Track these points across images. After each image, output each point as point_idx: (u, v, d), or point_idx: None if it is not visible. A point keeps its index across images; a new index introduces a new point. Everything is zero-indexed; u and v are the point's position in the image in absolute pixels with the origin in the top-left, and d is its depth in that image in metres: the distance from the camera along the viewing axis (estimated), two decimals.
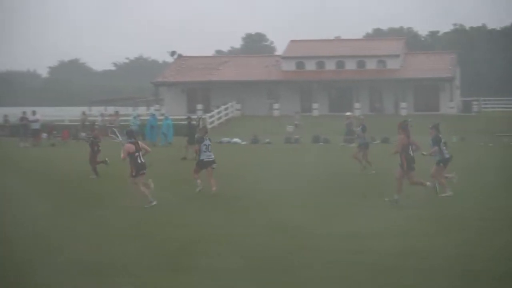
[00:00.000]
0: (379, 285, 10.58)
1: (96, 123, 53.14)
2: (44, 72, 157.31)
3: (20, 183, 23.53)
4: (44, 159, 35.05)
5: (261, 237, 14.14)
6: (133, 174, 18.40)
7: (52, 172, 27.76)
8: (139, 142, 18.91)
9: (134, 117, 49.88)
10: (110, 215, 17.21)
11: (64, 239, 14.22)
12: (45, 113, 58.35)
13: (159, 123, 47.00)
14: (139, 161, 18.33)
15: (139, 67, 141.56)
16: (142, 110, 73.70)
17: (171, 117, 49.29)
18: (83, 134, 53.37)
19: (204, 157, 20.31)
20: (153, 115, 49.36)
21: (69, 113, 68.61)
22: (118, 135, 21.33)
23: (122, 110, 62.92)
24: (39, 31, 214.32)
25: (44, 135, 49.63)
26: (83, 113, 57.37)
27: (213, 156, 20.43)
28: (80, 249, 13.27)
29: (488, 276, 10.92)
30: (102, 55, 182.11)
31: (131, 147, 18.35)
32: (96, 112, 69.02)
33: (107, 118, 54.83)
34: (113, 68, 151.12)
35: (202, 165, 20.46)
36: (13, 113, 59.81)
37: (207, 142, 20.47)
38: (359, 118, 28.06)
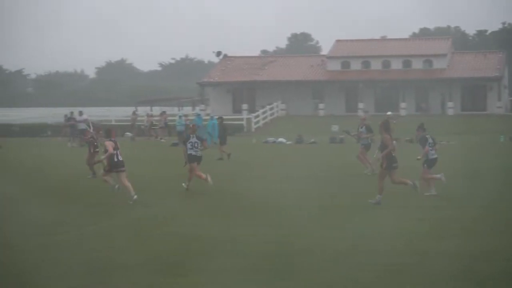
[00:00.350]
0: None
1: (138, 123, 53.58)
2: (91, 73, 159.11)
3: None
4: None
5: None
6: (107, 169, 19.80)
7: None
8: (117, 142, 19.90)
9: (180, 117, 50.11)
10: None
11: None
12: (92, 113, 58.94)
13: (204, 123, 47.15)
14: (116, 159, 19.39)
15: (185, 68, 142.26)
16: (187, 110, 73.99)
17: (216, 117, 49.43)
18: (129, 134, 54.02)
19: (192, 152, 21.45)
20: (198, 115, 49.59)
21: (116, 113, 69.23)
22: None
23: (168, 110, 63.18)
24: (85, 32, 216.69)
25: (93, 135, 50.03)
26: (133, 113, 57.49)
27: (200, 153, 21.58)
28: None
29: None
30: (149, 55, 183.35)
31: (111, 145, 19.45)
32: (142, 112, 69.51)
33: (155, 118, 55.12)
34: (159, 68, 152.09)
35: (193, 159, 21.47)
36: (61, 113, 60.63)
37: (193, 139, 21.64)
38: (362, 118, 27.85)
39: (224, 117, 54.29)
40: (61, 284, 10.86)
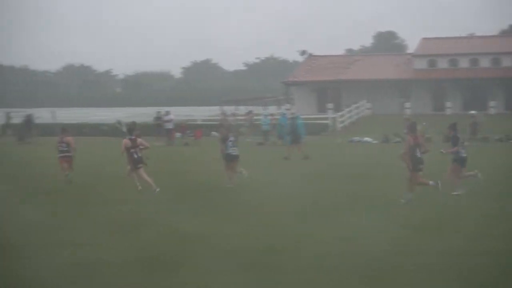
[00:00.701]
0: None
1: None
2: (177, 73, 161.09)
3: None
4: (178, 158, 35.80)
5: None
6: (131, 167, 20.40)
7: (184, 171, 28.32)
8: (138, 139, 20.72)
9: (265, 116, 50.25)
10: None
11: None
12: (179, 113, 59.61)
13: (288, 122, 47.11)
14: (135, 156, 20.23)
15: (270, 67, 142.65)
16: (272, 109, 74.14)
17: (301, 116, 49.37)
18: (214, 133, 54.33)
19: (231, 151, 22.41)
20: (283, 115, 49.61)
21: (202, 113, 69.90)
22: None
23: (253, 109, 63.33)
24: (171, 33, 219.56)
25: (178, 134, 50.67)
26: (223, 113, 57.41)
27: (237, 151, 22.53)
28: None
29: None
30: (234, 55, 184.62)
31: (128, 143, 20.26)
32: (227, 111, 69.90)
33: (240, 117, 55.35)
34: (244, 68, 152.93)
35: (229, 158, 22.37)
36: (148, 113, 61.60)
37: (232, 138, 22.67)
38: (407, 118, 28.01)
39: (309, 116, 54.57)
40: None
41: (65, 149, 23.84)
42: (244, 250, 13.06)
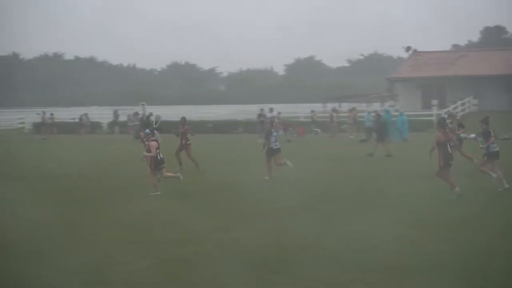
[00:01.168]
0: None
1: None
2: (280, 70, 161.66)
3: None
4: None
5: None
6: (152, 167, 21.15)
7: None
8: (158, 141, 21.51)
9: (369, 113, 49.79)
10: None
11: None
12: (282, 110, 59.71)
13: (393, 119, 46.63)
14: (159, 157, 21.05)
15: (373, 63, 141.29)
16: (376, 106, 73.42)
17: (406, 113, 48.79)
18: (318, 130, 54.18)
19: (273, 145, 24.35)
20: (387, 111, 49.05)
21: (304, 110, 69.86)
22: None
23: (356, 106, 62.87)
24: (273, 31, 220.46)
25: (281, 131, 50.75)
26: (334, 109, 56.30)
27: (278, 145, 24.58)
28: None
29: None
30: (337, 52, 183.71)
31: (155, 145, 21.05)
32: (330, 108, 69.59)
33: (344, 114, 54.92)
34: (347, 64, 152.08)
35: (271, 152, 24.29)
36: (251, 110, 62.02)
37: (275, 134, 24.83)
38: (453, 116, 27.62)
39: (414, 113, 53.80)
40: None
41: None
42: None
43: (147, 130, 21.92)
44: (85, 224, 16.15)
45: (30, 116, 69.53)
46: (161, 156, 21.24)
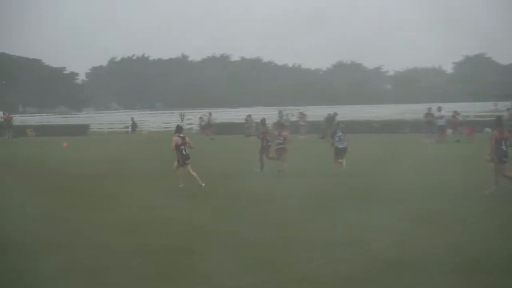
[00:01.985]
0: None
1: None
2: (449, 68, 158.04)
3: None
4: (447, 156, 34.88)
5: None
6: (180, 163, 22.09)
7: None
8: (186, 137, 22.44)
9: None
10: None
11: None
12: (451, 109, 58.00)
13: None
14: (184, 152, 22.02)
15: None
16: None
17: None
18: (488, 129, 52.02)
19: (339, 145, 26.17)
20: None
21: (474, 109, 67.80)
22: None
23: None
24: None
25: (450, 131, 49.27)
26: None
27: (346, 143, 26.22)
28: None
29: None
30: (509, 49, 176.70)
31: (178, 140, 22.01)
32: (502, 107, 66.96)
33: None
34: None
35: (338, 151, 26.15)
36: (419, 109, 60.75)
37: (339, 133, 26.34)
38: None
39: None
40: None
41: (281, 141, 26.81)
42: None
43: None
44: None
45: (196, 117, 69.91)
46: (186, 152, 22.15)
